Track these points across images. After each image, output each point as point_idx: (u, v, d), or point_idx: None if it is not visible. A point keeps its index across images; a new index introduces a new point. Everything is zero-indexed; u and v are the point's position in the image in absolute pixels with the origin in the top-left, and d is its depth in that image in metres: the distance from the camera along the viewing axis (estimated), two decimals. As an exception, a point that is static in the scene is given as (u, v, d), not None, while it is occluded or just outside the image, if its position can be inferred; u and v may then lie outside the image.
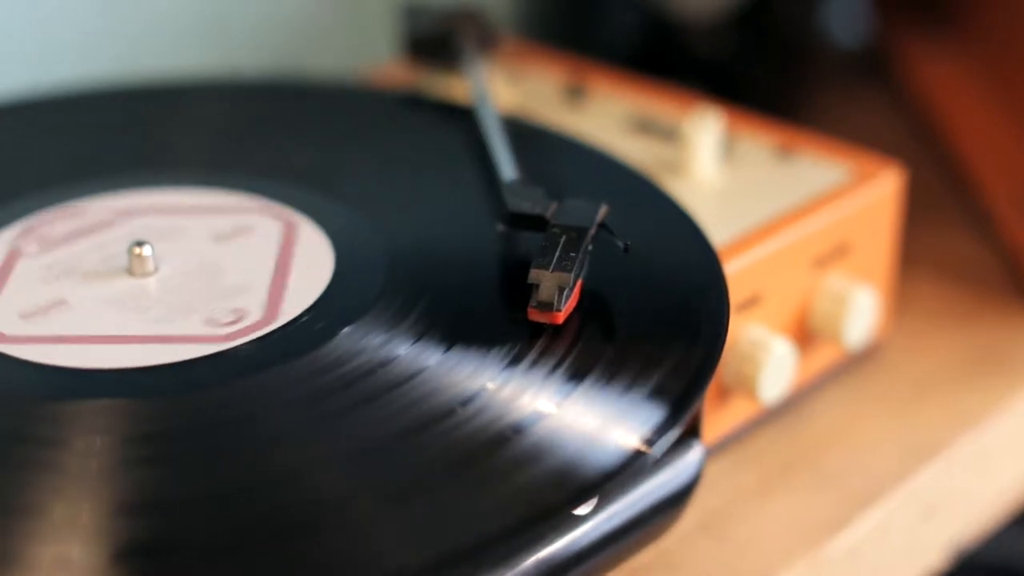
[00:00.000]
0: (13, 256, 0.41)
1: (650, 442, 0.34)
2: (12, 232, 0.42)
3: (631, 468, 0.34)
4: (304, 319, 0.38)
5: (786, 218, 0.45)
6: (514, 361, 0.36)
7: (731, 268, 0.42)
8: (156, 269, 0.40)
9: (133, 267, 0.40)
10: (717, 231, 0.44)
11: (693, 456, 0.37)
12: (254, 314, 0.38)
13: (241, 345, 0.37)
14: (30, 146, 0.48)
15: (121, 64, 0.60)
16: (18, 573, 0.31)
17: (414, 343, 0.37)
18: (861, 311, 0.46)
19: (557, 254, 0.38)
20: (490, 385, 0.35)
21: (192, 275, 0.40)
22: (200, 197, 0.44)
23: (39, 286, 0.40)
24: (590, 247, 0.38)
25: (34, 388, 0.36)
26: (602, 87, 0.54)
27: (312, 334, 0.37)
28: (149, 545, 0.31)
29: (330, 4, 0.65)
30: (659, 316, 0.38)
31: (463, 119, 0.48)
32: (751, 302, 0.44)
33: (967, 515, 0.48)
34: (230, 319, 0.38)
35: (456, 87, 0.53)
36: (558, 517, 0.33)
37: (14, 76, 0.57)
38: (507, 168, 0.44)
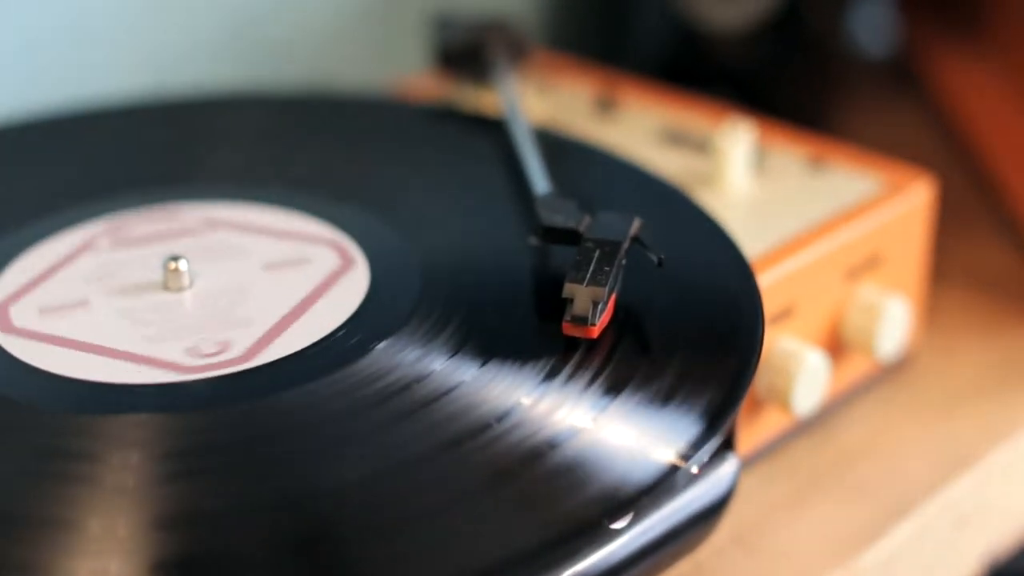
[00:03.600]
0: (83, 248, 0.42)
1: (687, 457, 0.34)
2: (95, 226, 0.43)
3: (667, 483, 0.34)
4: (340, 334, 0.38)
5: (818, 229, 0.45)
6: (549, 376, 0.36)
7: (764, 280, 0.42)
8: (191, 284, 0.40)
9: (168, 281, 0.40)
10: (750, 243, 0.44)
11: (728, 469, 0.37)
12: (235, 350, 0.38)
13: (338, 329, 0.38)
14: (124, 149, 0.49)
15: (156, 79, 0.60)
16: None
17: (449, 358, 0.37)
18: (893, 322, 0.46)
19: (591, 268, 0.38)
20: (525, 400, 0.35)
21: (214, 298, 0.40)
22: (243, 213, 0.44)
23: (78, 283, 0.40)
24: (624, 261, 0.38)
25: (70, 402, 0.36)
26: (633, 99, 0.54)
27: (348, 349, 0.37)
28: (186, 559, 0.31)
29: (362, 17, 0.65)
30: (694, 329, 0.38)
31: (495, 131, 0.49)
32: (784, 314, 0.44)
33: (1000, 525, 0.48)
34: (210, 351, 0.38)
35: (487, 99, 0.53)
36: (594, 531, 0.33)
37: (71, 87, 0.57)
38: (539, 181, 0.44)
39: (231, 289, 0.40)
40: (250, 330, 0.38)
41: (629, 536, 0.33)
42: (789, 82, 0.64)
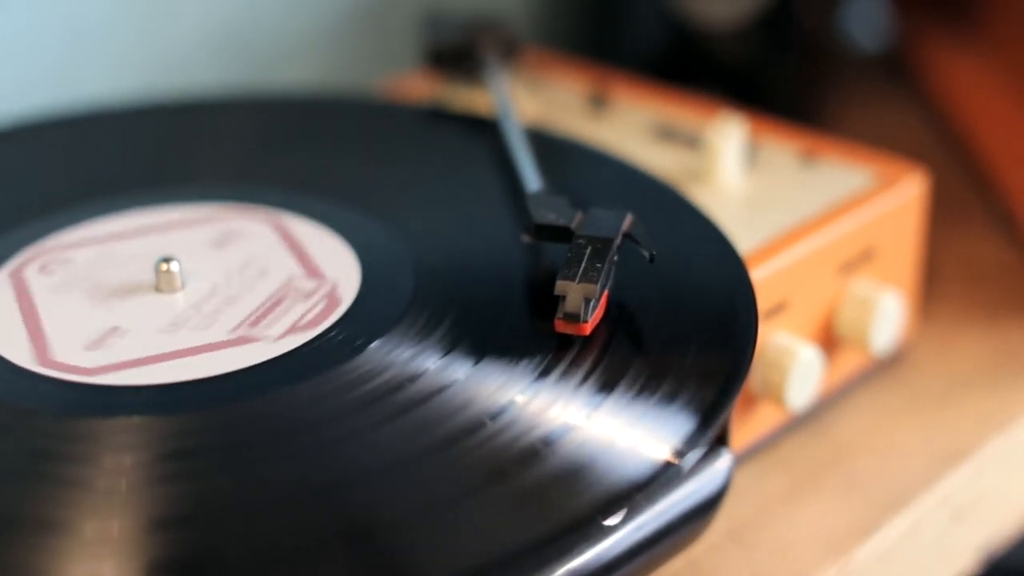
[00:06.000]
0: (23, 289, 0.41)
1: (680, 453, 0.34)
2: (9, 268, 0.42)
3: (661, 479, 0.34)
4: (332, 333, 0.38)
5: (811, 224, 0.45)
6: (543, 373, 0.36)
7: (757, 275, 0.42)
8: (184, 285, 0.40)
9: (160, 284, 0.40)
10: (742, 238, 0.44)
11: (722, 464, 0.37)
12: (320, 301, 0.39)
13: (330, 328, 0.38)
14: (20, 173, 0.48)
15: (149, 80, 0.60)
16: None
17: (442, 357, 0.37)
18: (887, 316, 0.46)
19: (583, 265, 0.38)
20: (519, 398, 0.35)
21: (226, 283, 0.40)
22: (235, 214, 0.44)
23: (80, 317, 0.39)
24: (616, 257, 0.38)
25: (63, 405, 0.36)
26: (624, 95, 0.54)
27: (340, 348, 0.37)
28: (181, 561, 0.31)
29: (352, 18, 0.65)
30: (687, 325, 0.38)
31: (486, 130, 0.49)
32: (777, 309, 0.44)
33: (997, 518, 0.48)
34: (227, 344, 0.38)
35: (479, 98, 0.53)
36: (588, 528, 0.33)
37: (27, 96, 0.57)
38: (531, 179, 0.44)
39: (223, 289, 0.40)
40: (244, 330, 0.38)
41: (623, 533, 0.33)
42: (782, 78, 0.64)
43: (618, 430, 0.35)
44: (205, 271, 0.41)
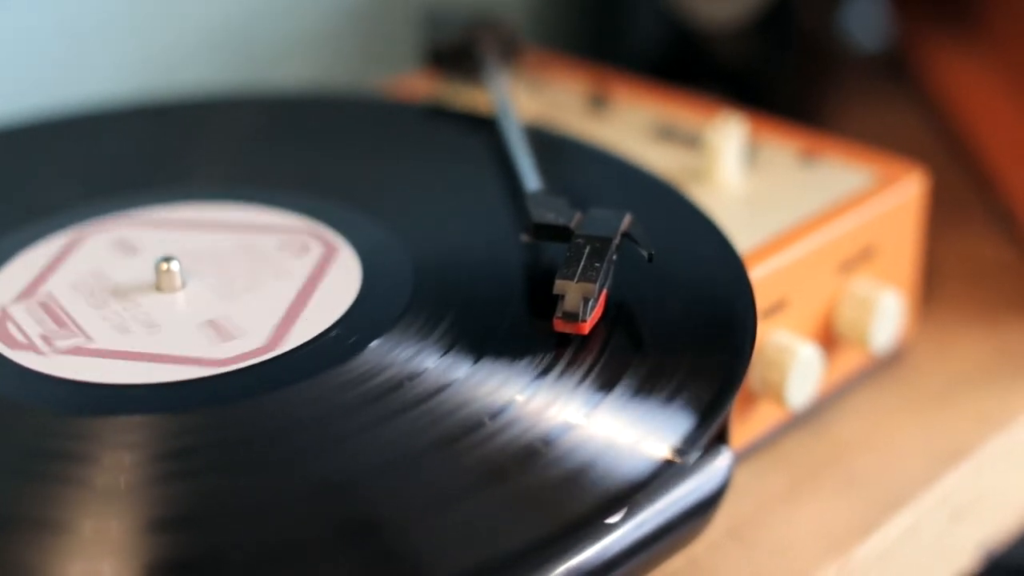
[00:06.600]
0: (75, 251, 0.42)
1: (680, 451, 0.34)
2: (85, 229, 0.43)
3: (661, 477, 0.34)
4: (332, 332, 0.38)
5: (811, 223, 0.45)
6: (542, 372, 0.36)
7: (757, 274, 0.42)
8: (183, 285, 0.40)
9: (161, 283, 0.40)
10: (742, 237, 0.44)
11: (722, 462, 0.37)
12: (254, 340, 0.38)
13: (330, 327, 0.38)
14: (82, 157, 0.49)
15: (148, 79, 0.60)
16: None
17: (442, 356, 0.37)
18: (887, 315, 0.46)
19: (582, 264, 0.38)
20: (518, 397, 0.35)
21: (206, 299, 0.40)
22: (236, 213, 0.44)
23: (71, 288, 0.40)
24: (615, 257, 0.39)
25: (63, 403, 0.36)
26: (625, 95, 0.54)
27: (341, 348, 0.37)
28: (181, 561, 0.31)
29: (353, 17, 0.65)
30: (686, 324, 0.38)
31: (486, 130, 0.49)
32: (777, 307, 0.44)
33: (996, 517, 0.48)
34: (203, 352, 0.38)
35: (479, 97, 0.53)
36: (588, 527, 0.33)
37: (51, 92, 0.57)
38: (531, 178, 0.44)
39: (224, 289, 0.40)
40: (243, 330, 0.38)
41: (623, 531, 0.33)
42: (782, 77, 0.64)
43: (618, 429, 0.35)
44: (205, 270, 0.41)
